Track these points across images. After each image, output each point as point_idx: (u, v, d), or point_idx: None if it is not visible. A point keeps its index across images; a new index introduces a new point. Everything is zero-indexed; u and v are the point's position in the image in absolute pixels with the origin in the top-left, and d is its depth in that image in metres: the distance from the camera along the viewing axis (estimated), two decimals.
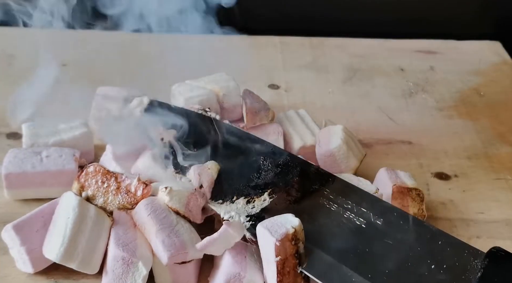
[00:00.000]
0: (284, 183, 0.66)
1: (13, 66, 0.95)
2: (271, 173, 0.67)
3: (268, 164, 0.68)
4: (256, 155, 0.69)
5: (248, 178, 0.67)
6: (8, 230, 0.62)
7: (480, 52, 1.09)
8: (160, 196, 0.64)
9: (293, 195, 0.65)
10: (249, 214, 0.63)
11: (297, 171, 0.67)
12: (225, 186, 0.66)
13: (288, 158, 0.69)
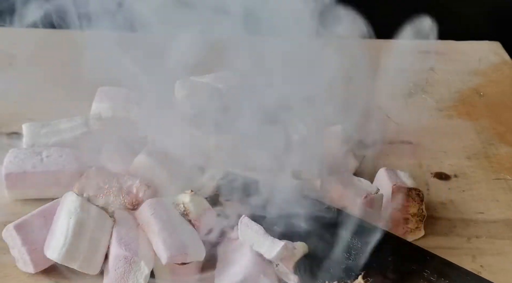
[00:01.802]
0: (378, 264, 0.60)
1: (14, 67, 0.95)
2: (362, 252, 0.61)
3: (358, 242, 0.62)
4: (343, 231, 0.63)
5: (338, 259, 0.61)
6: (9, 230, 0.62)
7: (480, 52, 1.09)
8: (180, 196, 0.64)
9: (390, 277, 0.60)
10: None
11: (390, 249, 0.62)
12: (314, 269, 0.61)
13: (379, 234, 0.63)
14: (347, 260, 0.61)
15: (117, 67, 0.86)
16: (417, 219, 0.71)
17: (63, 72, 0.95)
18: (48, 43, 1.01)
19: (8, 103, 0.87)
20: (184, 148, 0.69)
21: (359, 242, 0.61)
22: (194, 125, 0.73)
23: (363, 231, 0.63)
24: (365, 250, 0.61)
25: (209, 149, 0.71)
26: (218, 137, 0.72)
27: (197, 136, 0.72)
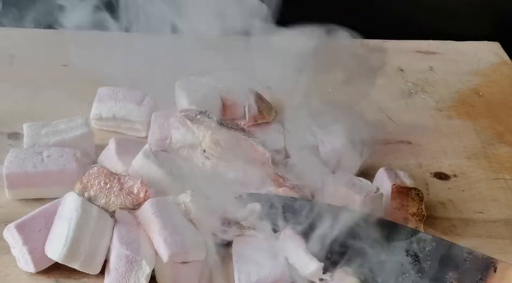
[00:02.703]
0: (441, 281, 0.56)
1: (14, 67, 0.95)
2: (420, 270, 0.56)
3: (415, 258, 0.57)
4: (393, 248, 0.58)
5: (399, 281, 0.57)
6: (10, 230, 0.62)
7: (479, 52, 1.09)
8: (181, 195, 0.64)
9: None
10: None
11: (449, 262, 0.57)
12: None
13: (433, 244, 0.58)
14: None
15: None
16: (416, 218, 0.71)
17: (63, 72, 0.95)
18: (48, 43, 1.01)
19: (9, 103, 0.87)
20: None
21: (416, 259, 0.57)
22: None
23: (417, 243, 0.58)
24: (423, 268, 0.56)
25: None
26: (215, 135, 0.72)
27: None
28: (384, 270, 0.57)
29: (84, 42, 1.02)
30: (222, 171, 0.72)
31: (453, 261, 0.55)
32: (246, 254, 0.64)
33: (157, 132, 0.77)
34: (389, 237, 0.58)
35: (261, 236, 0.66)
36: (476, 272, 0.54)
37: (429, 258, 0.56)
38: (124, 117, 0.81)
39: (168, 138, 0.75)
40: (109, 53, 1.00)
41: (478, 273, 0.54)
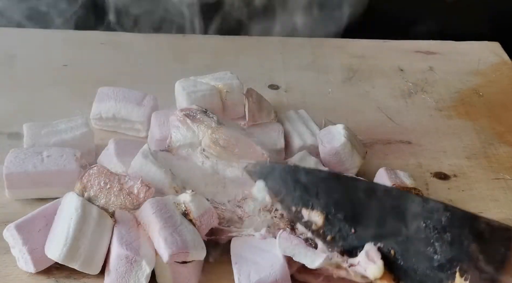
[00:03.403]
0: (466, 255, 0.53)
1: (14, 67, 0.95)
2: (444, 242, 0.54)
3: (434, 229, 0.54)
4: (411, 217, 0.56)
5: (426, 255, 0.54)
6: (10, 230, 0.62)
7: (479, 52, 1.09)
8: (181, 195, 0.64)
9: (486, 270, 0.53)
10: None
11: (469, 233, 0.54)
12: (411, 272, 0.55)
13: (448, 215, 0.55)
14: (433, 254, 0.54)
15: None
16: None
17: (63, 72, 0.95)
18: (48, 43, 1.01)
19: (9, 103, 0.87)
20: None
21: (436, 230, 0.54)
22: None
23: (432, 212, 0.55)
24: (447, 237, 0.54)
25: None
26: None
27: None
28: (409, 244, 0.55)
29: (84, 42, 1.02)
30: (221, 170, 0.72)
31: (472, 232, 0.53)
32: (244, 254, 0.64)
33: (157, 132, 0.77)
34: (404, 208, 0.56)
35: (258, 235, 0.66)
36: (498, 244, 0.52)
37: (448, 229, 0.54)
38: (124, 117, 0.81)
39: (168, 138, 0.75)
40: (109, 53, 1.00)
41: (501, 245, 0.52)
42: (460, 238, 0.53)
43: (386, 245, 0.56)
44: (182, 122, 0.74)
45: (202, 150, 0.73)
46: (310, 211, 0.60)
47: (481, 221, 0.54)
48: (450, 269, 0.54)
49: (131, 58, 1.00)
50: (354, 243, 0.58)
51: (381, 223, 0.57)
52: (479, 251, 0.52)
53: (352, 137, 0.77)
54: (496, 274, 0.52)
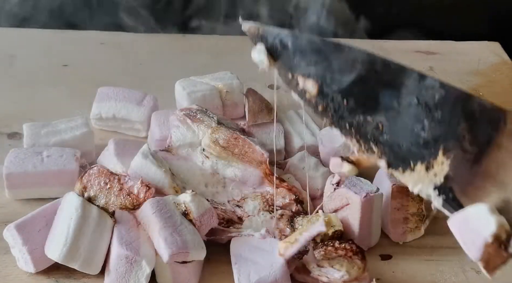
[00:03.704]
0: (453, 135, 0.52)
1: (14, 67, 0.95)
2: (433, 120, 0.53)
3: (426, 106, 0.53)
4: (405, 92, 0.54)
5: (413, 131, 0.54)
6: (10, 230, 0.62)
7: (479, 52, 1.09)
8: (182, 196, 0.64)
9: (469, 151, 0.52)
10: (436, 186, 0.53)
11: (460, 112, 0.52)
12: (395, 147, 0.55)
13: (442, 92, 0.53)
14: (421, 131, 0.53)
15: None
16: (416, 218, 0.71)
17: (63, 72, 0.95)
18: (48, 43, 1.01)
19: (9, 104, 0.87)
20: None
21: (427, 107, 0.53)
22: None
23: (426, 89, 0.54)
24: (437, 115, 0.53)
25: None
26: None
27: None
28: (398, 120, 0.55)
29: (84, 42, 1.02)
30: (220, 169, 0.72)
31: (463, 111, 0.52)
32: (244, 254, 0.64)
33: (157, 132, 0.77)
34: (398, 82, 0.55)
35: (258, 235, 0.66)
36: (487, 124, 0.51)
37: (440, 107, 0.53)
38: (124, 117, 0.81)
39: (168, 138, 0.75)
40: (109, 53, 1.00)
41: (489, 126, 0.51)
42: (450, 116, 0.52)
43: (376, 118, 0.56)
44: (182, 122, 0.74)
45: (202, 150, 0.73)
46: (305, 79, 0.58)
47: (474, 100, 0.52)
48: (435, 147, 0.53)
49: (131, 58, 1.00)
50: (344, 115, 0.57)
51: (375, 97, 0.56)
52: (466, 131, 0.52)
53: None
54: (479, 156, 0.51)
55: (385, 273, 0.67)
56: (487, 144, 0.51)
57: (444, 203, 0.53)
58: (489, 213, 0.49)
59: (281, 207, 0.70)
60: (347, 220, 0.68)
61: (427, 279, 0.67)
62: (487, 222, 0.49)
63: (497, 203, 0.50)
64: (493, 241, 0.49)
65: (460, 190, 0.53)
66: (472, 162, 0.52)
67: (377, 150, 0.55)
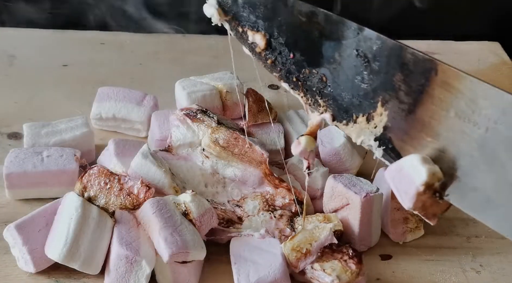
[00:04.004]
0: (390, 85, 0.54)
1: (14, 67, 0.95)
2: (371, 71, 0.55)
3: (364, 58, 0.55)
4: (346, 44, 0.56)
5: (354, 83, 0.56)
6: (10, 230, 0.62)
7: (479, 52, 1.09)
8: (182, 196, 0.64)
9: (405, 101, 0.53)
10: (376, 137, 0.56)
11: (395, 63, 0.54)
12: (338, 99, 0.57)
13: (379, 43, 0.55)
14: (361, 82, 0.55)
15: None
16: (416, 218, 0.71)
17: (63, 72, 0.95)
18: (48, 43, 1.01)
19: (9, 104, 0.87)
20: None
21: (366, 58, 0.55)
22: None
23: (365, 41, 0.55)
24: (375, 67, 0.55)
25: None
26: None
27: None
28: (340, 72, 0.57)
29: (84, 42, 1.02)
30: (220, 169, 0.72)
31: (398, 61, 0.54)
32: (243, 254, 0.64)
33: (157, 132, 0.77)
34: (338, 34, 0.57)
35: (258, 235, 0.66)
36: (419, 75, 0.53)
37: (377, 58, 0.55)
38: (124, 117, 0.81)
39: (168, 138, 0.75)
40: (109, 53, 1.00)
41: (421, 76, 0.52)
42: (386, 67, 0.54)
43: (320, 71, 0.58)
44: (182, 121, 0.74)
45: (202, 150, 0.73)
46: (254, 33, 0.61)
47: (408, 51, 0.53)
48: (374, 98, 0.55)
49: (131, 58, 1.00)
50: (291, 69, 0.59)
51: (318, 49, 0.58)
52: (401, 81, 0.53)
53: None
54: (413, 106, 0.53)
55: (385, 273, 0.67)
56: (420, 94, 0.52)
57: (384, 153, 0.55)
58: (420, 163, 0.51)
59: (280, 207, 0.70)
60: (347, 220, 0.68)
61: (427, 279, 0.67)
62: (418, 171, 0.50)
63: (431, 153, 0.52)
64: (425, 189, 0.50)
65: (398, 140, 0.54)
66: (408, 112, 0.53)
67: (323, 102, 0.58)
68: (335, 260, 0.63)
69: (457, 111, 0.50)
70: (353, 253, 0.63)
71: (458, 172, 0.51)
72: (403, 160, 0.52)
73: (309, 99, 0.59)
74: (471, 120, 0.50)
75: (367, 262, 0.67)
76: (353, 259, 0.63)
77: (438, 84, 0.51)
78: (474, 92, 0.50)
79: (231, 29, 0.63)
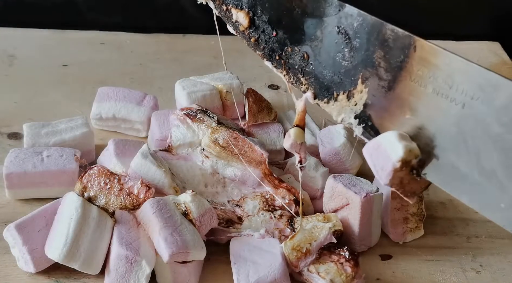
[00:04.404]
0: (370, 62, 0.55)
1: (14, 67, 0.95)
2: (352, 48, 0.56)
3: (345, 35, 0.56)
4: (327, 21, 0.57)
5: (335, 60, 0.57)
6: (10, 230, 0.62)
7: (479, 52, 1.09)
8: (182, 196, 0.64)
9: (384, 78, 0.54)
10: (356, 114, 0.56)
11: (375, 40, 0.54)
12: (320, 77, 0.58)
13: (360, 20, 0.55)
14: (342, 60, 0.56)
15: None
16: (416, 218, 0.71)
17: (63, 72, 0.95)
18: (48, 43, 1.01)
19: (9, 104, 0.87)
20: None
21: (346, 35, 0.56)
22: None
23: (346, 18, 0.56)
24: (355, 44, 0.56)
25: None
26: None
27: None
28: (321, 49, 0.58)
29: (84, 42, 1.02)
30: (220, 169, 0.72)
31: (378, 38, 0.54)
32: (243, 254, 0.64)
33: (157, 132, 0.77)
34: (319, 12, 0.58)
35: (257, 235, 0.66)
36: (399, 51, 0.53)
37: (358, 35, 0.55)
38: (124, 117, 0.81)
39: (168, 138, 0.75)
40: (109, 53, 1.00)
41: (401, 53, 0.53)
42: (367, 44, 0.54)
43: (302, 49, 0.59)
44: (182, 121, 0.74)
45: (202, 150, 0.73)
46: (238, 11, 0.62)
47: (387, 27, 0.54)
48: (354, 75, 0.55)
49: (131, 58, 1.00)
50: (274, 47, 0.60)
51: (300, 27, 0.59)
52: (381, 58, 0.54)
53: (352, 137, 0.77)
54: (392, 83, 0.53)
55: (385, 273, 0.67)
56: (399, 71, 0.53)
57: (364, 131, 0.55)
58: (397, 139, 0.51)
59: (280, 207, 0.70)
60: (347, 220, 0.68)
61: (427, 279, 0.67)
62: (395, 148, 0.51)
63: (410, 130, 0.52)
64: (401, 166, 0.50)
65: (377, 118, 0.55)
66: (387, 89, 0.53)
67: (304, 80, 0.59)
68: (332, 263, 0.63)
69: (435, 87, 0.51)
70: (349, 255, 0.63)
71: (435, 149, 0.51)
72: (381, 137, 0.53)
73: (292, 78, 0.60)
74: (448, 96, 0.50)
75: (367, 262, 0.67)
76: (350, 262, 0.63)
77: (417, 61, 0.52)
78: (451, 68, 0.50)
79: (216, 7, 0.63)
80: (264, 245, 0.65)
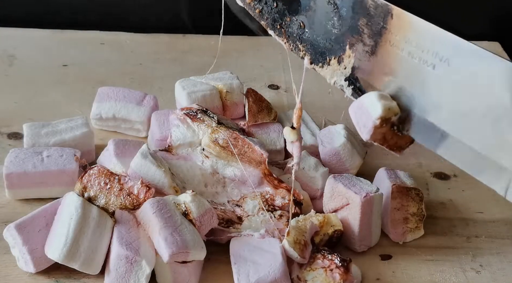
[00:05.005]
0: (355, 29, 0.60)
1: (14, 67, 0.95)
2: (340, 17, 0.61)
3: (334, 5, 0.61)
4: None
5: (326, 28, 0.62)
6: (10, 230, 0.62)
7: None
8: (182, 196, 0.64)
9: (367, 43, 0.59)
10: (346, 77, 0.61)
11: (359, 9, 0.60)
12: (315, 44, 0.63)
13: None
14: (332, 28, 0.62)
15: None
16: (416, 218, 0.71)
17: (63, 72, 0.95)
18: (48, 43, 1.01)
19: (9, 104, 0.87)
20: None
21: (335, 3, 0.62)
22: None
23: None
24: (343, 13, 0.61)
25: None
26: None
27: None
28: (315, 18, 0.63)
29: (84, 42, 1.02)
30: (220, 169, 0.72)
31: (361, 7, 0.59)
32: (243, 254, 0.64)
33: (157, 132, 0.77)
34: None
35: (258, 235, 0.66)
36: (378, 18, 0.58)
37: (344, 5, 0.60)
38: (124, 117, 0.81)
39: (168, 138, 0.75)
40: (109, 53, 1.00)
41: (380, 20, 0.58)
42: (352, 13, 0.60)
43: (299, 18, 0.64)
44: (182, 121, 0.74)
45: (201, 149, 0.73)
46: None
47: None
48: (343, 42, 0.61)
49: (131, 58, 1.00)
50: (276, 17, 0.65)
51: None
52: (365, 25, 0.59)
53: (352, 137, 0.77)
54: (375, 48, 0.58)
55: (385, 273, 0.67)
56: (380, 36, 0.58)
57: (353, 92, 0.60)
58: (377, 99, 0.56)
59: (280, 207, 0.70)
60: (347, 220, 0.68)
61: (427, 279, 0.67)
62: (375, 106, 0.55)
63: (392, 91, 0.57)
64: (381, 123, 0.55)
65: (364, 80, 0.60)
66: (371, 53, 0.59)
67: (302, 47, 0.64)
68: (322, 269, 0.63)
69: (410, 51, 0.56)
70: (340, 262, 0.63)
71: (415, 108, 0.56)
72: (363, 97, 0.58)
73: (291, 45, 0.64)
74: (421, 58, 0.55)
75: (367, 262, 0.67)
76: (340, 269, 0.62)
77: (394, 27, 0.57)
78: (422, 33, 0.56)
79: None
80: (264, 245, 0.65)
